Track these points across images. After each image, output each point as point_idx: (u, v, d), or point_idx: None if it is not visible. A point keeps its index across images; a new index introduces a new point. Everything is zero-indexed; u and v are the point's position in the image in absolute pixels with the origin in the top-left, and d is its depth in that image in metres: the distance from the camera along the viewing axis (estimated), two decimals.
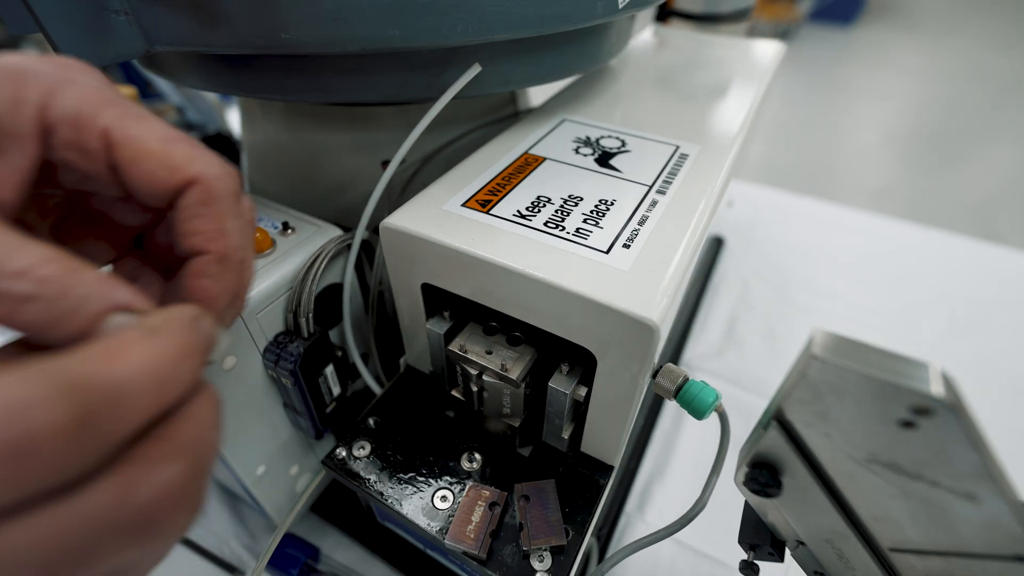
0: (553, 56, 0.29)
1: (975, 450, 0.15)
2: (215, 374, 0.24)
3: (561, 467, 0.26)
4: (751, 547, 0.23)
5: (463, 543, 0.23)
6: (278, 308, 0.26)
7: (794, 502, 0.20)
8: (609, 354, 0.21)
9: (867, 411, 0.15)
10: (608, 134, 0.31)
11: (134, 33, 0.23)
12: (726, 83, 0.39)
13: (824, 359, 0.15)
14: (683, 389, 0.22)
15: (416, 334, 0.28)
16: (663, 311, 0.19)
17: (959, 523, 0.17)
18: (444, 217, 0.24)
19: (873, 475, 0.17)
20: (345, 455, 0.26)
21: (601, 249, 0.22)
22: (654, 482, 0.39)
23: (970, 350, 0.51)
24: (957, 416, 0.14)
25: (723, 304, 0.56)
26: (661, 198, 0.25)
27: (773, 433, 0.18)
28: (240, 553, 0.35)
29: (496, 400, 0.25)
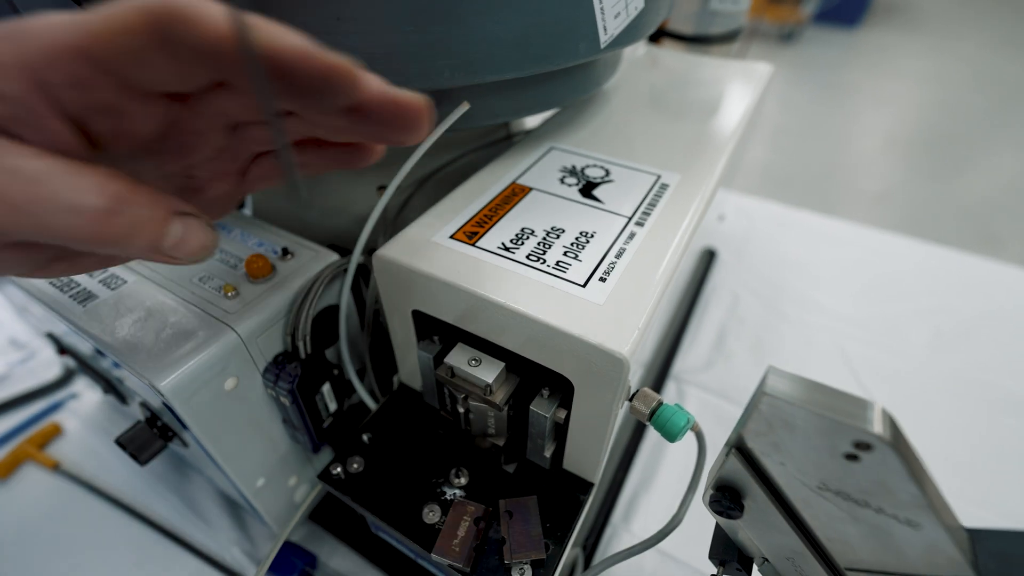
0: (539, 90, 0.30)
1: (914, 482, 0.16)
2: (218, 394, 0.26)
3: (544, 484, 0.27)
4: (721, 563, 0.25)
5: (449, 556, 0.24)
6: (277, 331, 0.28)
7: (756, 523, 0.21)
8: (584, 382, 0.22)
9: (815, 444, 0.17)
10: (593, 163, 0.32)
11: None
12: (712, 107, 0.40)
13: (774, 396, 0.16)
14: (657, 413, 0.24)
15: (407, 354, 0.30)
16: (633, 345, 0.21)
17: (904, 547, 0.18)
18: (433, 249, 0.25)
19: (825, 501, 0.18)
20: (340, 470, 0.28)
21: (578, 283, 0.23)
22: (640, 494, 0.41)
23: (955, 363, 0.52)
24: (896, 451, 0.15)
25: (713, 317, 0.57)
26: (639, 230, 0.26)
27: (733, 460, 0.19)
28: (241, 559, 0.37)
29: (481, 421, 0.27)
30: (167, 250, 0.17)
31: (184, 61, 0.15)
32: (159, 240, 0.16)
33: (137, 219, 0.16)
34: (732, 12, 0.52)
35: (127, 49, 0.14)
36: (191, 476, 0.42)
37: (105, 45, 0.14)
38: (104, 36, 0.14)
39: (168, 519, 0.39)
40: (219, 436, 0.27)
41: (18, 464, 0.42)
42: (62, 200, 0.14)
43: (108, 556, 0.37)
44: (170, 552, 0.37)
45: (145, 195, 0.16)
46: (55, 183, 0.14)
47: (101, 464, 0.42)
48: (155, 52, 0.14)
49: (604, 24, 0.27)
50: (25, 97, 0.14)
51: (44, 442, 0.44)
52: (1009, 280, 0.61)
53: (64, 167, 0.15)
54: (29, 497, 0.40)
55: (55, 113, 0.15)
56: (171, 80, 0.15)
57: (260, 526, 0.39)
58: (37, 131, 0.15)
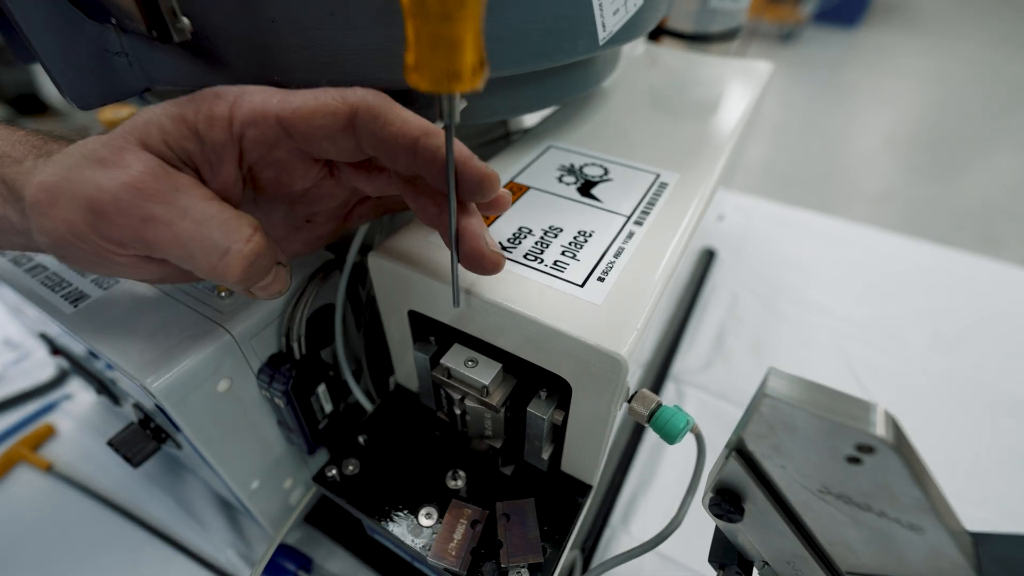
0: (537, 88, 0.30)
1: (917, 486, 0.16)
2: (211, 396, 0.25)
3: (541, 486, 0.27)
4: (720, 566, 0.24)
5: (445, 560, 0.24)
6: (272, 331, 0.27)
7: (756, 526, 0.21)
8: (582, 383, 0.22)
9: (816, 447, 0.16)
10: (592, 161, 0.32)
11: (134, 73, 0.24)
12: (712, 106, 0.40)
13: (775, 397, 0.16)
14: (656, 414, 0.23)
15: (404, 355, 0.29)
16: (632, 346, 0.20)
17: (906, 551, 0.18)
18: (429, 249, 0.25)
19: (826, 504, 0.18)
20: (335, 473, 0.27)
21: (576, 282, 0.23)
22: (639, 496, 0.41)
23: (955, 364, 0.51)
24: (899, 454, 0.15)
25: (712, 317, 0.56)
26: (638, 229, 0.26)
27: (733, 462, 0.19)
28: (236, 562, 0.36)
29: (478, 422, 0.27)
30: (256, 290, 0.20)
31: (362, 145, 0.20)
32: (259, 283, 0.20)
33: (260, 267, 0.19)
34: (732, 10, 0.51)
35: (320, 128, 0.19)
36: (186, 478, 0.41)
37: (304, 121, 0.19)
38: (305, 113, 0.18)
39: (162, 521, 0.39)
40: (213, 438, 0.26)
41: (11, 465, 0.42)
42: (215, 243, 0.18)
43: (102, 558, 0.37)
44: (164, 554, 0.37)
45: (271, 247, 0.19)
46: (214, 228, 0.18)
47: (95, 466, 0.42)
48: (341, 133, 0.19)
49: (603, 20, 0.27)
50: (222, 145, 0.19)
51: (37, 443, 0.43)
52: (1009, 281, 0.61)
53: (224, 215, 0.18)
54: (22, 499, 0.40)
55: (236, 161, 0.19)
56: (340, 154, 0.20)
57: (255, 528, 0.38)
58: (216, 171, 0.19)
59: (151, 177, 0.17)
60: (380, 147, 0.19)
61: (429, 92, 0.15)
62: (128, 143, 0.17)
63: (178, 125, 0.18)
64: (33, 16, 0.20)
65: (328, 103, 0.18)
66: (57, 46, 0.21)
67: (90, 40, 0.22)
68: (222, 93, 0.19)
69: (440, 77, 0.14)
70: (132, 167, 0.17)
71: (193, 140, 0.18)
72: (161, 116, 0.18)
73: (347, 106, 0.19)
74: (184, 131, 0.18)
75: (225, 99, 0.18)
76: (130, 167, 0.17)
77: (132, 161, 0.17)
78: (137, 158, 0.17)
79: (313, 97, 0.19)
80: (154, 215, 0.17)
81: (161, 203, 0.17)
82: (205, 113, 0.18)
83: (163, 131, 0.18)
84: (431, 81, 0.15)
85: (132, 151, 0.17)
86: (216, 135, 0.18)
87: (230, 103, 0.18)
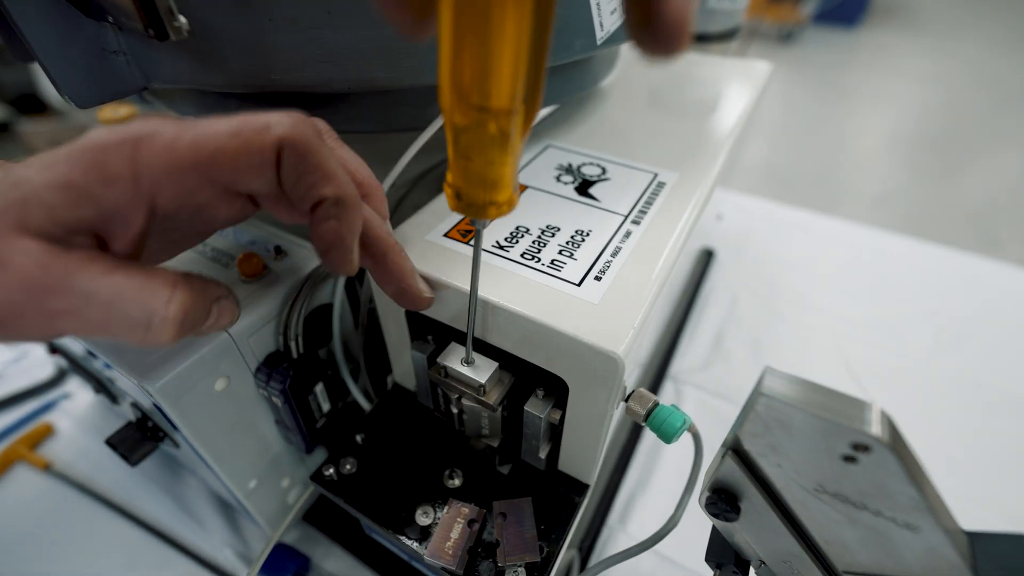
0: None
1: (913, 485, 0.16)
2: (208, 395, 0.25)
3: (539, 485, 0.27)
4: (717, 565, 0.24)
5: (442, 559, 0.24)
6: (269, 330, 0.27)
7: (753, 525, 0.21)
8: (579, 382, 0.22)
9: (812, 446, 0.16)
10: (590, 161, 0.32)
11: (132, 72, 0.24)
12: (710, 106, 0.40)
13: (771, 396, 0.16)
14: (652, 414, 0.23)
15: (402, 354, 0.29)
16: (628, 344, 0.20)
17: (902, 550, 0.18)
18: (427, 247, 0.25)
19: (822, 503, 0.18)
20: (332, 472, 0.27)
21: (573, 281, 0.23)
22: (637, 495, 0.41)
23: (954, 364, 0.51)
24: (895, 453, 0.15)
25: (712, 317, 0.56)
26: (635, 228, 0.26)
27: (729, 462, 0.19)
28: (234, 561, 0.36)
29: (475, 421, 0.27)
30: (202, 331, 0.18)
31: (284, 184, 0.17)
32: (201, 328, 0.18)
33: (193, 319, 0.17)
34: (730, 10, 0.51)
35: (247, 169, 0.16)
36: (184, 477, 0.41)
37: (227, 164, 0.16)
38: (227, 155, 0.16)
39: (160, 520, 0.39)
40: (210, 437, 0.26)
41: (9, 464, 0.42)
42: (134, 320, 0.16)
43: (100, 557, 0.37)
44: (162, 553, 0.37)
45: (199, 292, 0.18)
46: (127, 305, 0.16)
47: (93, 464, 0.42)
48: (269, 169, 0.16)
49: (600, 20, 0.27)
50: (126, 206, 0.16)
51: (36, 442, 0.43)
52: (1008, 280, 0.61)
53: (133, 284, 0.16)
54: (20, 498, 0.40)
55: (145, 216, 0.16)
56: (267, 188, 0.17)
57: (253, 527, 0.38)
58: (121, 232, 0.16)
59: (38, 270, 0.15)
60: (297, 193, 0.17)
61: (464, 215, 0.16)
62: (4, 231, 0.14)
63: (63, 195, 0.15)
64: (31, 15, 0.20)
65: (251, 140, 0.16)
66: (55, 45, 0.21)
67: (88, 39, 0.22)
68: (114, 142, 0.15)
69: (478, 206, 0.16)
70: (14, 262, 0.14)
71: (87, 206, 0.15)
72: (41, 189, 0.15)
73: (273, 140, 0.16)
74: (73, 198, 0.15)
75: (120, 151, 0.15)
76: (11, 263, 0.14)
77: (12, 255, 0.14)
78: (16, 249, 0.14)
79: (232, 134, 0.16)
80: (56, 310, 0.15)
81: (59, 295, 0.15)
82: (97, 174, 0.15)
83: (46, 206, 0.15)
84: (468, 208, 0.16)
85: (8, 240, 0.14)
86: (116, 196, 0.15)
87: (127, 156, 0.15)
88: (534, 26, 0.12)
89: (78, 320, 0.15)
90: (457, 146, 0.14)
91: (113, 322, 0.16)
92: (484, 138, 0.14)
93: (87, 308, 0.15)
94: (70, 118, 1.71)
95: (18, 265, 0.14)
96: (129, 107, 0.46)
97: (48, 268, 0.15)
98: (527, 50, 0.12)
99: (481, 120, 0.13)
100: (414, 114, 0.28)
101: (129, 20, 0.20)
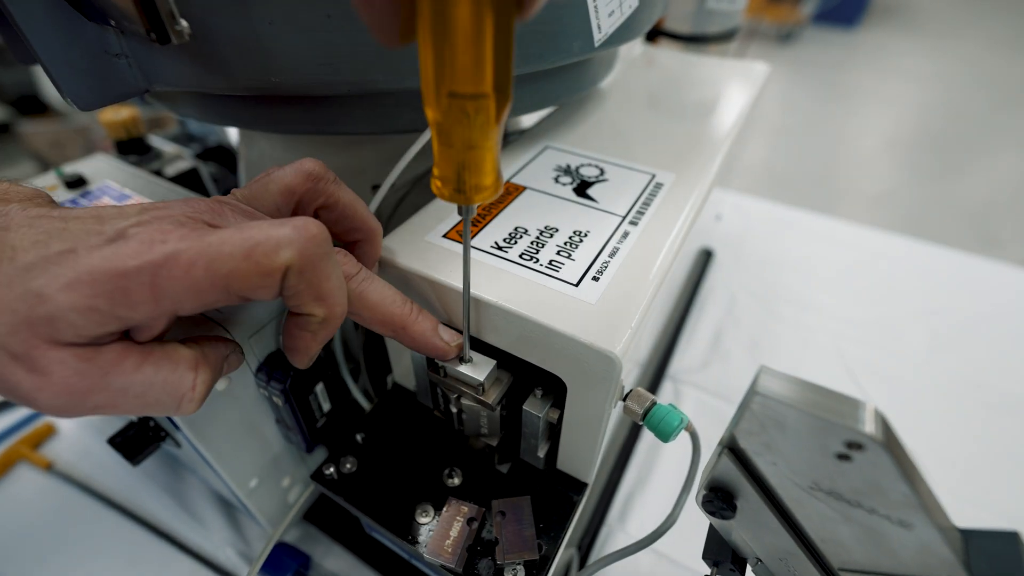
0: (534, 89, 0.30)
1: (906, 482, 0.16)
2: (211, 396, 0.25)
3: (537, 484, 0.27)
4: (715, 563, 0.24)
5: (441, 557, 0.24)
6: (270, 330, 0.28)
7: (749, 523, 0.21)
8: (577, 381, 0.22)
9: (806, 444, 0.17)
10: (588, 162, 0.32)
11: (134, 75, 0.24)
12: (708, 107, 0.40)
13: (766, 395, 0.16)
14: (650, 413, 0.23)
15: (401, 354, 0.30)
16: (626, 344, 0.20)
17: (897, 547, 0.18)
18: (426, 248, 0.25)
19: (817, 501, 0.18)
20: (332, 471, 0.27)
21: (571, 282, 0.23)
22: (636, 494, 0.41)
23: (952, 364, 0.51)
24: (888, 451, 0.15)
25: (710, 317, 0.57)
26: (633, 229, 0.26)
27: (725, 460, 0.19)
28: (235, 560, 0.36)
29: (474, 421, 0.27)
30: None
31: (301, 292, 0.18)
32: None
33: (209, 386, 0.20)
34: (728, 11, 0.51)
35: (256, 287, 0.17)
36: (185, 476, 0.41)
37: (239, 284, 0.17)
38: (239, 276, 0.17)
39: (162, 519, 0.39)
40: (211, 436, 0.26)
41: (11, 464, 0.42)
42: (165, 405, 0.18)
43: (101, 556, 0.37)
44: (164, 552, 0.37)
45: (216, 366, 0.20)
46: (158, 393, 0.18)
47: (95, 464, 0.42)
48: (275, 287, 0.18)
49: (598, 23, 0.27)
50: (150, 319, 0.17)
51: (38, 442, 0.44)
52: (1007, 280, 0.61)
53: (161, 375, 0.18)
54: (22, 497, 0.40)
55: (167, 322, 0.18)
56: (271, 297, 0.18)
57: (254, 526, 0.39)
58: (146, 332, 0.18)
59: (76, 376, 0.16)
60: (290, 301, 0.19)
61: (451, 202, 0.17)
62: (36, 344, 0.15)
63: (89, 317, 0.16)
64: (34, 18, 0.20)
65: (261, 263, 0.17)
66: (57, 48, 0.21)
67: (90, 42, 0.22)
68: (133, 270, 0.16)
69: (463, 191, 0.17)
70: (53, 375, 0.16)
71: (113, 324, 0.16)
72: (68, 311, 0.15)
73: (281, 265, 0.17)
74: (98, 320, 0.16)
75: (140, 279, 0.16)
76: (51, 375, 0.16)
77: (47, 366, 0.16)
78: (53, 359, 0.16)
79: (244, 256, 0.17)
80: (97, 405, 0.17)
81: (97, 393, 0.17)
82: (121, 301, 0.16)
83: (74, 327, 0.15)
84: (455, 194, 0.17)
85: (43, 352, 0.16)
86: (139, 316, 0.16)
87: (148, 284, 0.16)
88: (495, 25, 0.13)
89: (116, 408, 0.17)
90: (439, 135, 0.16)
91: (147, 407, 0.18)
92: (460, 122, 0.15)
93: (123, 400, 0.17)
94: (70, 119, 1.72)
95: (58, 374, 0.16)
96: (130, 109, 0.46)
97: (84, 374, 0.16)
98: (490, 44, 0.13)
99: (455, 105, 0.14)
100: (413, 116, 0.28)
101: (131, 24, 0.20)
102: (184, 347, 0.19)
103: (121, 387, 0.17)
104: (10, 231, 0.16)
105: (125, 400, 0.17)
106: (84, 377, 0.16)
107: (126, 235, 0.16)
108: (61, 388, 0.16)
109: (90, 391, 0.16)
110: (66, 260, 0.16)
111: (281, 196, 0.22)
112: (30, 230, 0.16)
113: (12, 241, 0.16)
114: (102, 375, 0.16)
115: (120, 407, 0.17)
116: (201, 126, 0.59)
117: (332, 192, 0.23)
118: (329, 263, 0.19)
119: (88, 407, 0.17)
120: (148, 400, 0.18)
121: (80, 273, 0.15)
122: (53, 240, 0.16)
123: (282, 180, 0.22)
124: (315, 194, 0.22)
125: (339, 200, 0.23)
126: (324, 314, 0.19)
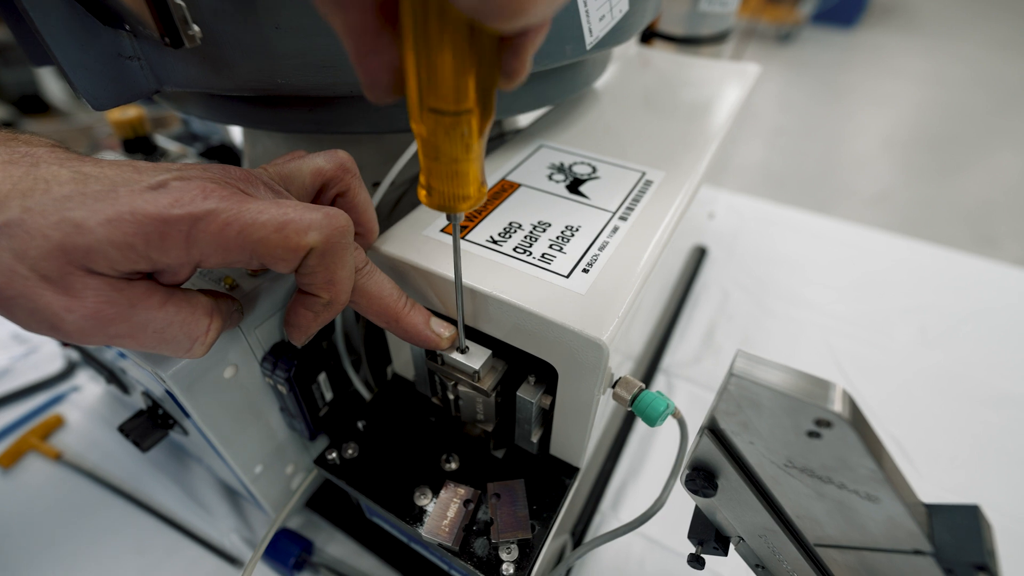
0: (528, 90, 0.31)
1: (872, 458, 0.17)
2: (218, 382, 0.27)
3: (531, 468, 0.28)
4: (699, 542, 0.26)
5: (439, 536, 0.25)
6: (275, 321, 0.29)
7: (730, 502, 0.22)
8: (568, 368, 0.24)
9: (780, 422, 0.18)
10: (581, 160, 0.33)
11: (146, 76, 0.25)
12: (699, 107, 0.41)
13: (741, 376, 0.17)
14: (637, 398, 0.25)
15: (401, 345, 0.31)
16: (613, 331, 0.22)
17: (865, 521, 0.19)
18: (424, 242, 0.26)
19: (792, 478, 0.20)
20: (335, 456, 0.29)
21: (562, 273, 0.24)
22: (628, 482, 0.42)
23: (940, 360, 0.53)
24: (854, 428, 0.16)
25: (703, 313, 0.58)
26: (623, 224, 0.27)
27: (706, 440, 0.21)
28: (240, 546, 0.38)
29: (471, 407, 0.28)
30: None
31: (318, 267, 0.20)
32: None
33: (219, 333, 0.21)
34: (721, 13, 0.53)
35: (280, 258, 0.19)
36: (191, 466, 0.43)
37: (265, 252, 0.19)
38: (268, 246, 0.18)
39: (168, 507, 0.40)
40: (218, 423, 0.28)
41: (21, 454, 0.43)
42: (179, 343, 0.20)
43: (110, 543, 0.38)
44: (170, 539, 0.38)
45: (226, 317, 0.22)
46: (175, 332, 0.19)
47: (103, 454, 0.43)
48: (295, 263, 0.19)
49: (589, 27, 0.28)
50: (176, 264, 0.18)
51: (47, 433, 0.45)
52: (995, 278, 0.62)
53: (181, 316, 0.19)
54: (32, 486, 0.41)
55: (191, 269, 0.19)
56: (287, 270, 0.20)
57: (258, 513, 0.40)
58: (171, 276, 0.19)
59: (105, 304, 0.17)
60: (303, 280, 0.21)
61: (437, 211, 0.18)
62: (72, 270, 0.17)
63: (124, 253, 0.17)
64: (53, 23, 0.22)
65: (290, 239, 0.19)
66: (75, 51, 0.22)
67: (105, 45, 0.23)
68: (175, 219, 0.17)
69: (449, 201, 0.18)
70: (86, 299, 0.17)
71: (144, 263, 0.18)
72: (105, 245, 0.17)
73: (307, 245, 0.19)
74: (132, 257, 0.17)
75: (179, 227, 0.17)
76: (84, 298, 0.17)
77: (82, 291, 0.17)
78: (86, 285, 0.17)
79: (276, 229, 0.18)
80: (117, 334, 0.18)
81: (120, 323, 0.18)
82: (157, 244, 0.17)
83: (108, 259, 0.17)
84: (441, 205, 0.18)
85: (79, 278, 0.17)
86: (169, 260, 0.18)
87: (184, 233, 0.17)
88: (472, 48, 0.14)
89: (133, 340, 0.19)
90: (424, 148, 0.16)
91: (162, 344, 0.19)
92: (444, 137, 0.16)
93: (142, 334, 0.19)
94: (72, 119, 1.73)
95: (91, 299, 0.17)
96: (137, 108, 0.47)
97: (114, 303, 0.18)
98: (469, 65, 0.14)
99: (439, 121, 0.15)
100: None
101: (145, 28, 0.21)
102: (203, 295, 0.21)
103: (143, 321, 0.18)
104: (40, 167, 0.17)
105: (144, 334, 0.19)
106: (113, 305, 0.17)
107: (167, 186, 0.18)
108: (91, 311, 0.17)
109: (114, 319, 0.18)
110: (107, 197, 0.17)
111: (311, 177, 0.24)
112: (61, 168, 0.18)
113: (44, 175, 0.17)
114: (129, 306, 0.18)
115: (137, 340, 0.19)
116: (204, 125, 0.60)
117: (354, 186, 0.25)
118: (347, 253, 0.21)
119: (109, 334, 0.18)
120: (165, 337, 0.19)
121: (122, 212, 0.17)
122: (91, 180, 0.17)
123: (315, 163, 0.24)
124: (340, 183, 0.24)
125: (357, 194, 0.25)
126: (329, 298, 0.21)
